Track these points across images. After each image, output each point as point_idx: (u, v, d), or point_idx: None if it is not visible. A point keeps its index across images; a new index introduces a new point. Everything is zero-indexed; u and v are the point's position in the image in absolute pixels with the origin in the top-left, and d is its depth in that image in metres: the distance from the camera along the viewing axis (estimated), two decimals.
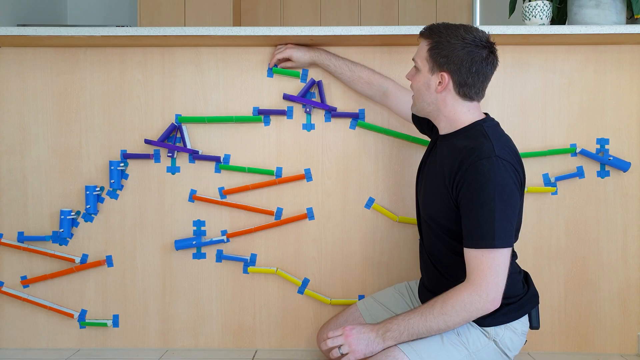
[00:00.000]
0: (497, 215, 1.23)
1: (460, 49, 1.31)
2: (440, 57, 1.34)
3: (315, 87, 1.82)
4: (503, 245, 1.24)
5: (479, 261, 1.24)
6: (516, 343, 1.38)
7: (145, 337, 1.87)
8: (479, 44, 1.33)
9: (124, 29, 1.69)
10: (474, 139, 1.33)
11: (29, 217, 1.86)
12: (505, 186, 1.25)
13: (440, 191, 1.37)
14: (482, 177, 1.25)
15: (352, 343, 1.31)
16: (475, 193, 1.25)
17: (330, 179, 1.85)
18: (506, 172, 1.26)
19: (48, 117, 1.85)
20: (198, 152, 1.82)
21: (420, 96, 1.41)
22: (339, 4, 4.28)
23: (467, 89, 1.35)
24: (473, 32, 1.34)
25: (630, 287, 1.82)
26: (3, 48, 1.84)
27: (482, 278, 1.24)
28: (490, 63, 1.35)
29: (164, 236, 1.86)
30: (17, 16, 3.59)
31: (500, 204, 1.24)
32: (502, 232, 1.24)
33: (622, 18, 1.74)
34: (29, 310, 1.87)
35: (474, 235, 1.26)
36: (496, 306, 1.26)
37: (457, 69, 1.33)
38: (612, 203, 1.82)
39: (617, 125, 1.81)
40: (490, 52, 1.35)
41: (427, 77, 1.37)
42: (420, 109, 1.44)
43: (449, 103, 1.37)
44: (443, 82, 1.34)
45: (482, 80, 1.35)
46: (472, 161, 1.27)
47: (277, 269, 1.85)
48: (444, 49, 1.33)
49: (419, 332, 1.29)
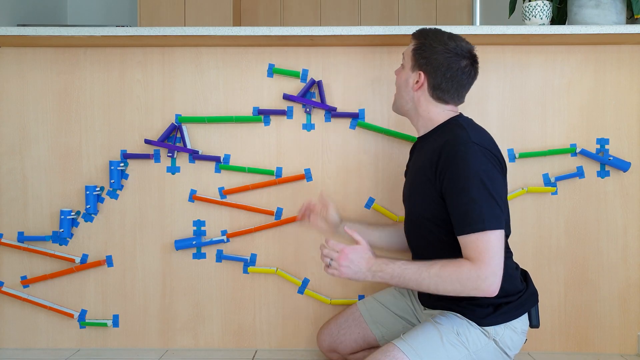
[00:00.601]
0: (483, 199, 1.25)
1: (440, 54, 1.38)
2: (420, 58, 1.41)
3: (315, 87, 1.82)
4: (493, 227, 1.24)
5: (474, 245, 1.24)
6: (516, 342, 1.38)
7: (145, 337, 1.88)
8: (460, 53, 1.39)
9: (124, 29, 1.69)
10: (450, 131, 1.37)
11: (29, 217, 1.86)
12: (486, 170, 1.27)
13: (425, 187, 1.38)
14: (462, 163, 1.28)
15: (342, 265, 1.31)
16: (458, 180, 1.28)
17: (330, 179, 1.85)
18: (484, 156, 1.29)
19: (48, 117, 1.85)
20: (198, 152, 1.82)
21: (399, 92, 1.48)
22: (339, 4, 4.28)
23: (441, 93, 1.40)
24: (457, 41, 1.40)
25: (630, 287, 1.82)
26: (3, 48, 1.84)
27: (481, 260, 1.23)
28: (467, 73, 1.40)
29: (164, 236, 1.86)
30: (17, 16, 3.59)
31: (484, 187, 1.26)
32: (490, 215, 1.25)
33: (622, 18, 1.74)
34: (29, 310, 1.87)
35: (464, 222, 1.26)
36: (492, 293, 1.24)
37: (433, 71, 1.39)
38: (612, 203, 1.82)
39: (617, 125, 1.81)
40: (471, 63, 1.41)
41: (408, 74, 1.44)
42: (400, 106, 1.49)
43: (423, 103, 1.43)
44: (419, 81, 1.41)
45: (457, 87, 1.40)
46: (450, 149, 1.31)
47: (277, 269, 1.85)
48: (426, 50, 1.40)
49: (408, 284, 1.28)
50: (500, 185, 1.30)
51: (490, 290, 1.23)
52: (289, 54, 1.83)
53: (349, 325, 1.62)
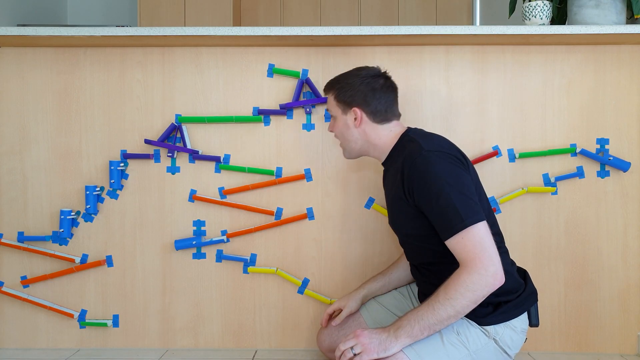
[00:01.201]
0: (455, 198, 1.27)
1: (359, 84, 1.47)
2: (345, 98, 1.49)
3: (306, 87, 1.82)
4: (474, 221, 1.26)
5: (462, 245, 1.26)
6: (516, 341, 1.38)
7: (145, 337, 1.88)
8: (373, 75, 1.49)
9: (124, 29, 1.69)
10: (405, 148, 1.43)
11: (29, 217, 1.86)
12: (446, 170, 1.31)
13: (402, 208, 1.41)
14: (423, 173, 1.32)
15: (365, 342, 1.30)
16: (426, 190, 1.30)
17: (330, 179, 1.85)
18: (440, 159, 1.33)
19: (48, 117, 1.85)
20: (198, 152, 1.82)
21: (345, 138, 1.53)
22: (339, 4, 4.28)
23: (380, 115, 1.47)
24: (365, 69, 1.51)
25: (630, 287, 1.82)
26: (3, 48, 1.84)
27: (474, 256, 1.24)
28: (388, 87, 1.49)
29: (164, 236, 1.86)
30: (17, 16, 3.59)
31: (451, 188, 1.28)
32: (467, 210, 1.26)
33: (622, 18, 1.74)
34: (29, 310, 1.87)
35: (445, 227, 1.28)
36: (500, 280, 1.24)
37: (363, 101, 1.47)
38: (612, 203, 1.82)
39: (617, 125, 1.81)
40: (386, 79, 1.50)
41: (343, 119, 1.51)
42: (351, 150, 1.54)
43: (370, 132, 1.49)
44: (357, 116, 1.47)
45: (389, 103, 1.49)
46: (410, 165, 1.35)
47: (277, 269, 1.85)
48: (346, 90, 1.48)
49: (430, 324, 1.27)
50: (466, 180, 1.33)
51: (498, 278, 1.24)
52: (289, 54, 1.83)
53: (349, 326, 1.62)
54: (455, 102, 1.82)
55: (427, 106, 1.82)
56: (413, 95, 1.82)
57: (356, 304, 1.62)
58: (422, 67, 1.82)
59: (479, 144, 1.82)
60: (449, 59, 1.82)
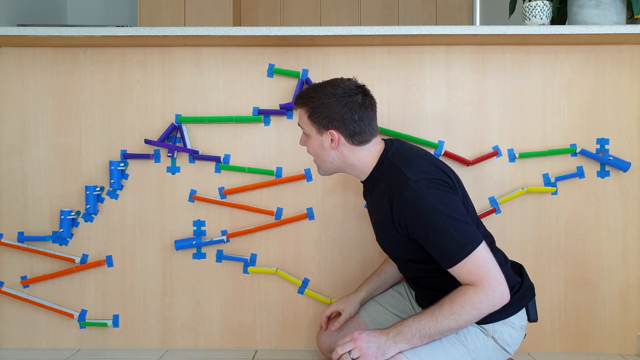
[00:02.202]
0: (451, 228, 1.25)
1: (336, 105, 1.36)
2: (321, 119, 1.38)
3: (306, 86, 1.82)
4: (474, 246, 1.25)
5: (466, 270, 1.26)
6: (515, 338, 1.38)
7: (145, 337, 1.88)
8: (351, 92, 1.38)
9: (124, 29, 1.69)
10: (388, 174, 1.37)
11: (29, 217, 1.86)
12: (437, 199, 1.27)
13: (393, 235, 1.38)
14: (415, 207, 1.27)
15: (362, 347, 1.28)
16: (420, 223, 1.27)
17: (330, 179, 1.85)
18: (429, 188, 1.29)
19: (48, 117, 1.85)
20: (198, 152, 1.82)
21: (320, 158, 1.45)
22: (339, 4, 4.28)
23: (359, 137, 1.39)
24: (341, 85, 1.39)
25: (630, 287, 1.82)
26: (3, 48, 1.84)
27: (480, 279, 1.24)
28: (368, 106, 1.39)
29: (164, 236, 1.86)
30: (17, 16, 3.59)
31: (445, 216, 1.26)
32: (465, 238, 1.25)
33: (622, 18, 1.74)
34: (29, 310, 1.87)
35: (446, 257, 1.27)
36: (506, 299, 1.25)
37: (341, 124, 1.37)
38: (612, 203, 1.82)
39: (617, 125, 1.81)
40: (364, 95, 1.40)
41: (318, 140, 1.42)
42: (327, 170, 1.47)
43: (349, 155, 1.41)
44: (334, 139, 1.39)
45: (368, 123, 1.39)
46: (398, 199, 1.30)
47: (277, 269, 1.85)
48: (322, 110, 1.38)
49: (431, 333, 1.27)
50: (456, 203, 1.31)
51: (504, 299, 1.25)
52: (289, 54, 1.83)
53: (348, 326, 1.62)
54: (455, 102, 1.82)
55: (427, 106, 1.82)
56: (413, 95, 1.82)
57: (355, 308, 1.61)
58: (422, 67, 1.82)
59: (479, 144, 1.82)
60: (449, 59, 1.82)
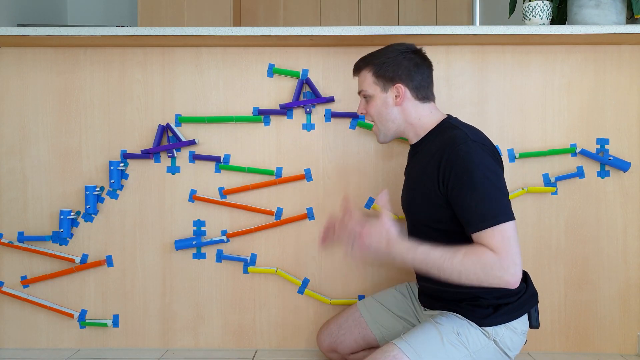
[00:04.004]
0: (491, 194, 1.25)
1: (402, 59, 1.41)
2: (388, 73, 1.41)
3: (306, 87, 1.82)
4: (506, 219, 1.23)
5: (491, 239, 1.22)
6: (516, 343, 1.38)
7: (145, 337, 1.88)
8: (412, 51, 1.43)
9: (124, 29, 1.69)
10: (445, 133, 1.38)
11: (29, 217, 1.86)
12: (489, 166, 1.28)
13: (427, 192, 1.36)
14: (465, 162, 1.27)
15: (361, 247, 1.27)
16: (464, 179, 1.27)
17: (330, 179, 1.85)
18: (485, 153, 1.29)
19: (48, 117, 1.85)
20: (195, 142, 1.81)
21: (382, 119, 1.45)
22: (339, 4, 4.28)
23: (423, 91, 1.43)
24: (403, 44, 1.45)
25: (630, 287, 1.82)
26: (3, 48, 1.84)
27: (501, 250, 1.21)
28: (427, 64, 1.45)
29: (164, 236, 1.86)
30: (17, 16, 3.59)
31: (490, 182, 1.26)
32: (501, 208, 1.24)
33: (622, 18, 1.74)
34: (29, 310, 1.87)
35: (476, 220, 1.25)
36: (514, 284, 1.21)
37: (407, 76, 1.41)
38: (612, 203, 1.82)
39: (617, 125, 1.81)
40: (422, 55, 1.45)
41: (382, 97, 1.43)
42: (387, 131, 1.47)
43: (411, 111, 1.43)
44: (400, 93, 1.41)
45: (429, 80, 1.44)
46: (451, 150, 1.30)
47: (277, 269, 1.85)
48: (389, 65, 1.41)
49: (430, 269, 1.24)
50: (503, 179, 1.32)
51: (513, 280, 1.20)
52: (289, 54, 1.83)
53: (349, 326, 1.62)
54: (455, 102, 1.82)
55: None
56: None
57: None
58: None
59: None
60: (449, 59, 1.82)
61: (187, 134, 1.84)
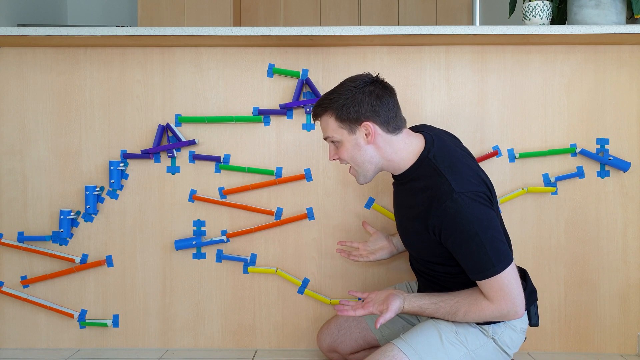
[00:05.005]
0: (487, 245, 1.24)
1: (362, 96, 1.31)
2: (351, 115, 1.32)
3: (306, 87, 1.82)
4: (504, 267, 1.25)
5: (490, 287, 1.26)
6: (515, 340, 1.38)
7: (145, 337, 1.87)
8: (370, 81, 1.34)
9: (124, 29, 1.69)
10: (429, 178, 1.31)
11: (29, 217, 1.86)
12: (478, 216, 1.24)
13: (422, 237, 1.35)
14: (455, 219, 1.24)
15: None
16: (457, 235, 1.25)
17: (330, 179, 1.85)
18: (473, 202, 1.24)
19: (48, 117, 1.85)
20: (195, 142, 1.81)
21: (358, 161, 1.36)
22: (339, 4, 4.28)
23: (392, 122, 1.34)
24: (357, 78, 1.35)
25: (630, 287, 1.82)
26: (3, 48, 1.84)
27: (500, 299, 1.26)
28: (389, 92, 1.35)
29: (164, 236, 1.86)
30: (17, 16, 3.59)
31: (484, 233, 1.24)
32: (498, 256, 1.24)
33: (622, 18, 1.74)
34: (29, 310, 1.87)
35: (475, 270, 1.27)
36: (519, 317, 1.29)
37: (372, 112, 1.32)
38: (612, 203, 1.82)
39: (617, 125, 1.81)
40: (382, 84, 1.35)
41: (352, 140, 1.34)
42: (367, 172, 1.38)
43: (386, 146, 1.35)
44: (369, 131, 1.32)
45: (396, 108, 1.35)
46: (437, 207, 1.26)
47: (277, 269, 1.85)
48: (349, 106, 1.32)
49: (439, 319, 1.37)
50: (495, 221, 1.28)
51: (517, 316, 1.29)
52: (289, 54, 1.83)
53: (349, 326, 1.62)
54: (455, 102, 1.82)
55: (427, 106, 1.82)
56: (413, 95, 1.82)
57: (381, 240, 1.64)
58: (422, 67, 1.82)
59: (479, 144, 1.82)
60: (449, 59, 1.82)
61: (187, 134, 1.84)
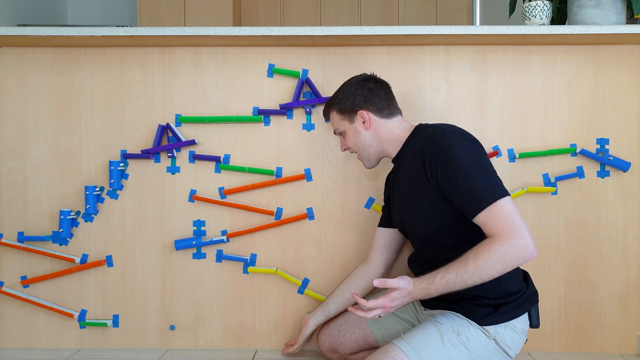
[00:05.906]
0: (480, 174, 1.28)
1: (354, 90, 1.52)
2: (348, 106, 1.53)
3: (306, 87, 1.82)
4: (501, 195, 1.26)
5: (492, 218, 1.24)
6: (517, 342, 1.38)
7: (145, 337, 1.87)
8: (362, 79, 1.55)
9: (124, 29, 1.69)
10: (422, 135, 1.44)
11: (29, 217, 1.86)
12: (469, 149, 1.33)
13: (420, 193, 1.37)
14: (448, 150, 1.32)
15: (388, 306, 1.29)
16: (451, 166, 1.30)
17: (330, 179, 1.85)
18: (463, 139, 1.34)
19: (48, 117, 1.85)
20: (195, 142, 1.81)
21: (360, 146, 1.55)
22: (339, 4, 4.28)
23: (386, 109, 1.52)
24: (353, 78, 1.57)
25: (630, 287, 1.82)
26: (3, 48, 1.84)
27: (504, 229, 1.22)
28: (382, 84, 1.55)
29: (164, 236, 1.86)
30: (17, 16, 3.59)
31: (477, 164, 1.30)
32: (494, 185, 1.28)
33: (622, 18, 1.74)
34: (29, 310, 1.87)
35: (473, 203, 1.27)
36: (531, 254, 1.22)
37: (366, 102, 1.51)
38: (612, 203, 1.82)
39: (617, 125, 1.81)
40: (375, 80, 1.55)
41: (352, 128, 1.54)
42: (369, 155, 1.55)
43: (382, 129, 1.52)
44: (365, 118, 1.51)
45: (388, 98, 1.53)
46: (432, 143, 1.35)
47: (277, 269, 1.85)
48: (346, 99, 1.53)
49: (456, 287, 1.26)
50: (487, 158, 1.36)
51: (529, 252, 1.22)
52: (289, 54, 1.83)
53: (349, 326, 1.62)
54: (455, 102, 1.82)
55: (427, 106, 1.82)
56: (413, 95, 1.82)
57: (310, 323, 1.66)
58: (422, 67, 1.82)
59: None
60: (449, 59, 1.82)
61: (187, 134, 1.84)
